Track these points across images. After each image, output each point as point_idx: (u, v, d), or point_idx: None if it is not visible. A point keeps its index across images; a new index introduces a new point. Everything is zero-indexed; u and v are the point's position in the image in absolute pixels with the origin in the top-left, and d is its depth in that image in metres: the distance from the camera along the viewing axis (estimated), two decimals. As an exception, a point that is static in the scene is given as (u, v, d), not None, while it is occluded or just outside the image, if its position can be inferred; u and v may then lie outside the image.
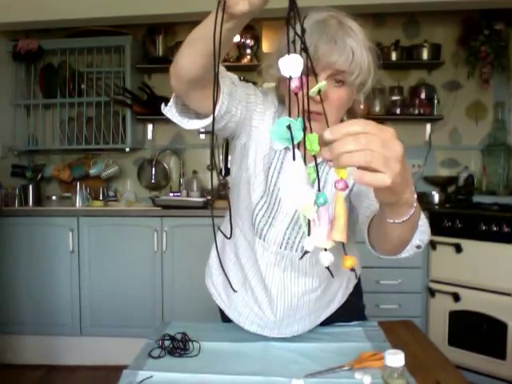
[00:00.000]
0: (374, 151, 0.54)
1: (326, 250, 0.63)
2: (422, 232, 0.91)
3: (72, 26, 3.15)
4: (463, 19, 3.15)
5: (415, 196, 0.71)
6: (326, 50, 0.95)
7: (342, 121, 1.10)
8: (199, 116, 0.98)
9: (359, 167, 0.55)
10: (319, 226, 0.61)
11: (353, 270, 0.63)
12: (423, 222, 0.92)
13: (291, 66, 0.58)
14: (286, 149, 1.10)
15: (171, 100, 0.97)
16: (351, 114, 1.11)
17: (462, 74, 3.22)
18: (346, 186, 0.58)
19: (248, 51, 3.23)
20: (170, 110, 0.98)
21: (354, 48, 0.96)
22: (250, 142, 1.10)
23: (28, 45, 3.19)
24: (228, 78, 0.97)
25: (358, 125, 0.55)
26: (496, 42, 3.01)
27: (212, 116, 0.93)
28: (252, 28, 3.21)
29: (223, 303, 1.30)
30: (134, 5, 2.85)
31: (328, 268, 0.66)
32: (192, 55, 0.81)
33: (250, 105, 1.06)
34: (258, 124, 1.10)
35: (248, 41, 3.22)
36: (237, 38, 3.21)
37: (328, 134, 0.55)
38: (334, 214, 0.61)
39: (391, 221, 0.74)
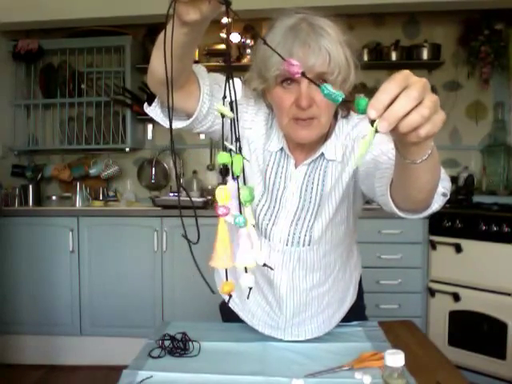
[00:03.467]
0: (424, 108, 0.53)
1: (246, 271, 0.63)
2: (443, 179, 0.87)
3: (72, 26, 3.15)
4: (463, 19, 3.15)
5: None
6: (302, 55, 0.93)
7: (336, 115, 1.10)
8: (187, 116, 0.98)
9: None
10: (239, 246, 0.61)
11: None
12: (441, 170, 0.87)
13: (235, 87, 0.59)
14: (281, 150, 1.10)
15: (155, 100, 0.98)
16: (344, 107, 1.10)
17: (462, 73, 3.22)
18: (228, 213, 0.58)
19: (248, 51, 3.23)
20: (153, 110, 0.98)
21: (328, 48, 0.95)
22: (243, 143, 1.10)
23: (28, 45, 3.19)
24: (211, 79, 0.96)
25: (399, 82, 0.52)
26: (496, 42, 3.01)
27: (194, 116, 0.94)
28: (252, 28, 3.21)
29: (237, 306, 1.30)
30: (134, 5, 2.85)
31: (250, 288, 0.68)
32: (160, 58, 0.81)
33: (239, 106, 1.06)
34: (250, 125, 1.11)
35: (248, 41, 3.22)
36: (237, 38, 3.20)
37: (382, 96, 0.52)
38: (216, 238, 0.60)
39: (410, 161, 0.68)
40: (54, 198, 3.40)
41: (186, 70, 0.87)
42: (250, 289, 0.69)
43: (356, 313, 1.36)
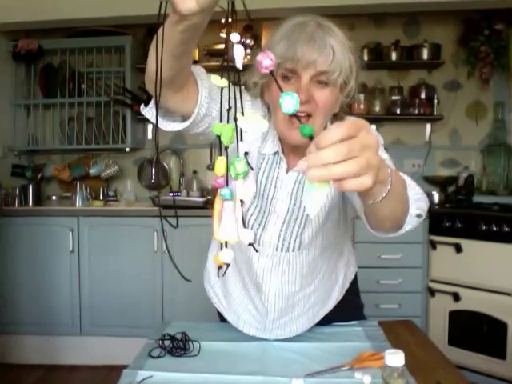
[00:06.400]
0: (356, 157, 0.52)
1: (226, 245, 0.62)
2: (418, 200, 0.89)
3: (72, 26, 3.15)
4: (463, 19, 3.15)
5: (389, 170, 0.67)
6: (306, 50, 0.94)
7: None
8: (184, 118, 0.97)
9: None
10: (222, 220, 0.61)
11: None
12: (415, 191, 0.90)
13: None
14: (275, 154, 1.10)
15: (152, 101, 0.96)
16: (337, 118, 1.09)
17: (462, 73, 3.22)
18: (224, 185, 0.59)
19: (248, 51, 3.23)
20: (149, 111, 0.97)
21: (334, 46, 0.95)
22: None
23: (28, 45, 3.19)
24: (209, 81, 0.95)
25: (335, 134, 0.52)
26: (496, 41, 3.01)
27: (191, 118, 0.93)
28: (252, 28, 3.21)
29: (222, 307, 1.31)
30: (134, 5, 2.85)
31: (219, 267, 0.68)
32: (155, 57, 0.80)
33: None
34: (245, 128, 1.10)
35: (248, 41, 3.22)
36: (237, 38, 3.21)
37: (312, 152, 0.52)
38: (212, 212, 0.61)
39: (371, 202, 0.71)
40: (54, 197, 3.40)
41: (185, 71, 0.85)
42: (228, 265, 0.67)
43: (354, 312, 1.36)
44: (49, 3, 2.87)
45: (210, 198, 3.19)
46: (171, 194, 3.30)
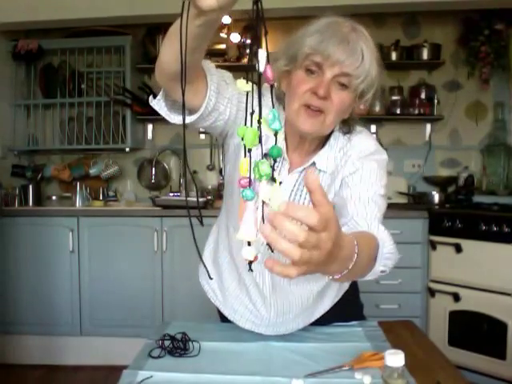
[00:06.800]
0: (303, 249, 0.55)
1: (249, 244, 0.63)
2: (387, 258, 0.92)
3: (72, 26, 3.15)
4: (463, 19, 3.15)
5: (355, 257, 0.72)
6: (338, 49, 0.95)
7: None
8: (191, 112, 0.98)
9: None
10: (243, 219, 0.62)
11: None
12: (388, 249, 0.92)
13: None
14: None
15: (160, 93, 0.97)
16: (346, 123, 1.10)
17: (462, 73, 3.22)
18: (247, 185, 0.61)
19: (248, 51, 3.23)
20: (158, 103, 0.98)
21: (364, 53, 0.97)
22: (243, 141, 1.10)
23: (28, 45, 3.19)
24: (218, 76, 0.96)
25: (308, 217, 0.54)
26: (496, 42, 3.01)
27: (200, 111, 0.94)
28: (252, 28, 3.20)
29: (218, 301, 1.31)
30: (134, 5, 2.85)
31: (250, 263, 0.68)
32: (170, 50, 0.81)
33: (242, 104, 1.06)
34: (264, 131, 1.10)
35: (248, 41, 3.22)
36: (237, 38, 3.21)
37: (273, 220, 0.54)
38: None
39: (330, 277, 0.75)
40: (54, 197, 3.40)
41: (196, 65, 0.86)
42: (251, 262, 0.69)
43: (354, 312, 1.36)
44: (49, 3, 2.87)
45: (210, 198, 3.20)
46: (171, 194, 3.30)
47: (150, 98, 0.99)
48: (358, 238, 0.75)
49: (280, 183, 0.64)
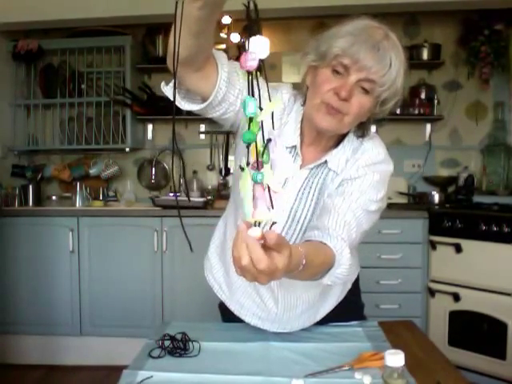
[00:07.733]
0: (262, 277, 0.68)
1: (256, 225, 0.66)
2: (337, 278, 0.98)
3: (72, 26, 3.15)
4: (463, 19, 3.15)
5: (301, 267, 0.81)
6: (368, 54, 0.96)
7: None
8: (203, 100, 0.98)
9: None
10: (254, 202, 0.65)
11: None
12: (341, 271, 0.98)
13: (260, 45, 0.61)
14: (293, 148, 1.10)
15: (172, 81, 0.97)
16: (361, 128, 1.10)
17: (462, 74, 3.23)
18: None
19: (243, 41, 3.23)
20: (170, 90, 0.97)
21: (392, 62, 0.98)
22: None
23: (28, 45, 3.19)
24: (230, 66, 0.96)
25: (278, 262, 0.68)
26: (496, 42, 3.01)
27: (209, 99, 0.95)
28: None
29: (224, 295, 1.30)
30: (134, 5, 2.85)
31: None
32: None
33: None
34: (264, 117, 1.10)
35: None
36: (237, 38, 3.21)
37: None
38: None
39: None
40: (54, 198, 3.39)
41: (204, 51, 0.87)
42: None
43: (354, 312, 1.36)
44: (49, 3, 2.87)
45: (210, 198, 3.20)
46: (171, 194, 3.30)
47: (163, 83, 0.98)
48: (311, 255, 0.85)
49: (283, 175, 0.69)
